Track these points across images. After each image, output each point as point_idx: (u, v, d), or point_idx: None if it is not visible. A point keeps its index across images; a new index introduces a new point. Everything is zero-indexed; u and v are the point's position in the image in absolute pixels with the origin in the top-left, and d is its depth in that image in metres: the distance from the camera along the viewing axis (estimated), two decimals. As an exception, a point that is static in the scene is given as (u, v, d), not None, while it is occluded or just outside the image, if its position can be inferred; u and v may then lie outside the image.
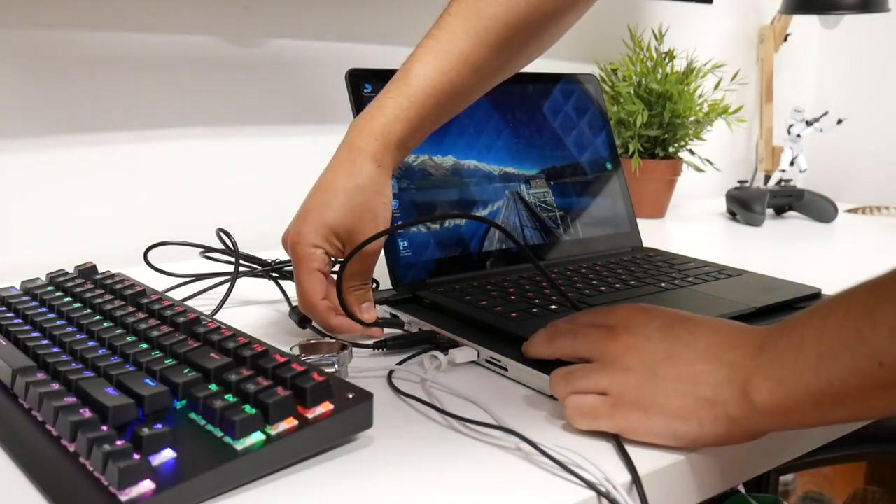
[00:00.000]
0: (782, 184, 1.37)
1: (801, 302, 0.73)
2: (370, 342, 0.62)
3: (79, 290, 0.63)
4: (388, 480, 0.43)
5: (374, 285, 0.80)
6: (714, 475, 0.49)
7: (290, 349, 0.58)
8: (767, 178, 1.57)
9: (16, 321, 0.58)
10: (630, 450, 0.47)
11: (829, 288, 0.76)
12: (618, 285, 0.74)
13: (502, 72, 0.68)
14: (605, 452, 0.46)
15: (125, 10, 0.90)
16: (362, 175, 0.62)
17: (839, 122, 1.42)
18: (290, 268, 0.78)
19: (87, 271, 0.69)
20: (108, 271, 0.69)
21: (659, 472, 0.45)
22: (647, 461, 0.45)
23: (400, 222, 0.73)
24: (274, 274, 0.77)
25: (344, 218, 0.61)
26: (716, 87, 1.28)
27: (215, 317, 0.66)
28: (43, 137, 0.88)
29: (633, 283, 0.75)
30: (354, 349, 0.60)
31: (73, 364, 0.50)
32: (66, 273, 0.69)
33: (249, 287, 0.80)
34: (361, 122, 0.63)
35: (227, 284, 0.75)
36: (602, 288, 0.73)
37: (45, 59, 0.86)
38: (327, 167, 0.65)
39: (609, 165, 0.92)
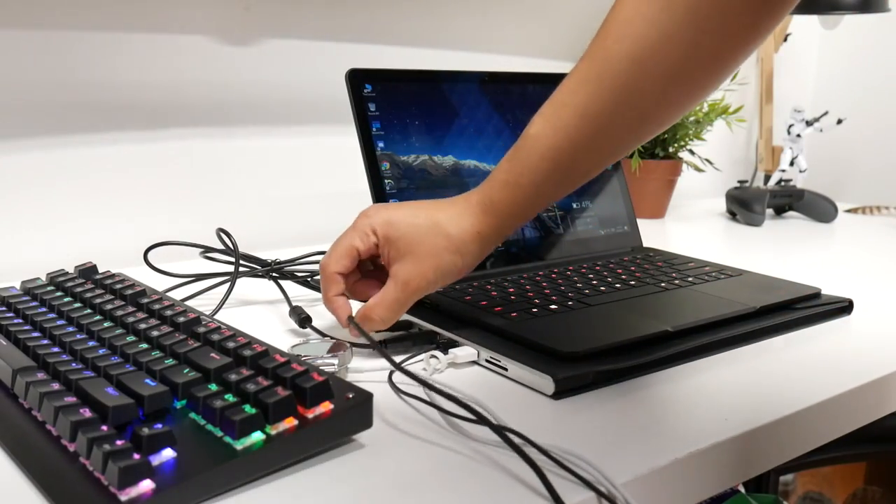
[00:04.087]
0: (782, 184, 1.37)
1: (801, 302, 0.73)
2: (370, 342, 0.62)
3: (79, 290, 0.63)
4: (387, 480, 0.43)
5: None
6: (714, 475, 0.49)
7: (290, 349, 0.58)
8: (767, 178, 1.57)
9: (16, 321, 0.58)
10: (630, 450, 0.47)
11: (829, 288, 0.76)
12: (618, 285, 0.74)
13: (632, 127, 0.56)
14: (605, 452, 0.46)
15: (125, 10, 0.90)
16: (448, 215, 0.58)
17: (839, 122, 1.42)
18: (290, 267, 0.78)
19: (87, 271, 0.69)
20: (108, 271, 0.69)
21: (659, 472, 0.45)
22: (648, 461, 0.45)
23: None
24: (274, 274, 0.77)
25: (409, 235, 0.57)
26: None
27: (215, 317, 0.66)
28: (43, 137, 0.88)
29: (633, 283, 0.75)
30: (354, 349, 0.60)
31: (74, 364, 0.50)
32: (66, 273, 0.69)
33: (249, 287, 0.80)
34: (486, 182, 0.59)
35: (227, 284, 0.75)
36: (602, 288, 0.73)
37: (45, 59, 0.86)
38: (445, 209, 0.59)
39: (609, 165, 0.92)
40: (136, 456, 0.39)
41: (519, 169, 0.57)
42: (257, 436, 0.43)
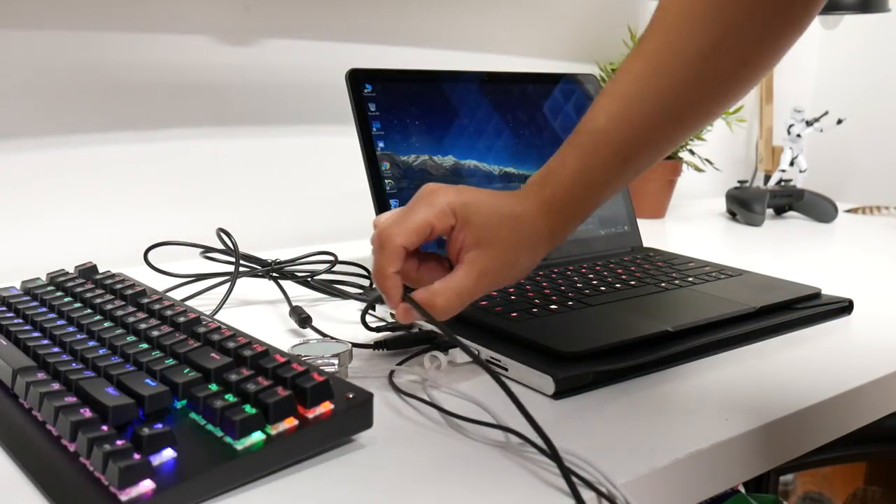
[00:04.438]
0: (782, 184, 1.37)
1: (801, 302, 0.73)
2: (370, 342, 0.62)
3: (79, 290, 0.63)
4: (388, 480, 0.43)
5: (374, 285, 0.80)
6: (714, 475, 0.49)
7: (290, 349, 0.58)
8: (767, 178, 1.57)
9: (16, 321, 0.58)
10: (630, 450, 0.47)
11: (829, 288, 0.76)
12: (618, 285, 0.74)
13: (702, 116, 0.57)
14: (605, 452, 0.46)
15: (125, 11, 0.90)
16: (525, 209, 0.54)
17: (839, 122, 1.42)
18: (290, 267, 0.78)
19: (88, 271, 0.69)
20: (109, 271, 0.69)
21: (659, 472, 0.45)
22: (648, 461, 0.45)
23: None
24: (274, 274, 0.77)
25: (492, 223, 0.53)
26: (716, 87, 1.27)
27: (215, 317, 0.66)
28: (43, 137, 0.88)
29: (633, 283, 0.75)
30: (354, 349, 0.60)
31: (74, 364, 0.50)
32: (67, 273, 0.69)
33: (249, 287, 0.80)
34: (557, 175, 0.56)
35: (227, 284, 0.75)
36: (602, 288, 0.73)
37: (45, 60, 0.86)
38: (517, 201, 0.55)
39: (609, 165, 0.92)
40: (137, 456, 0.39)
41: (590, 166, 0.55)
42: (257, 436, 0.43)
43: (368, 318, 0.71)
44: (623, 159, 0.55)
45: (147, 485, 0.38)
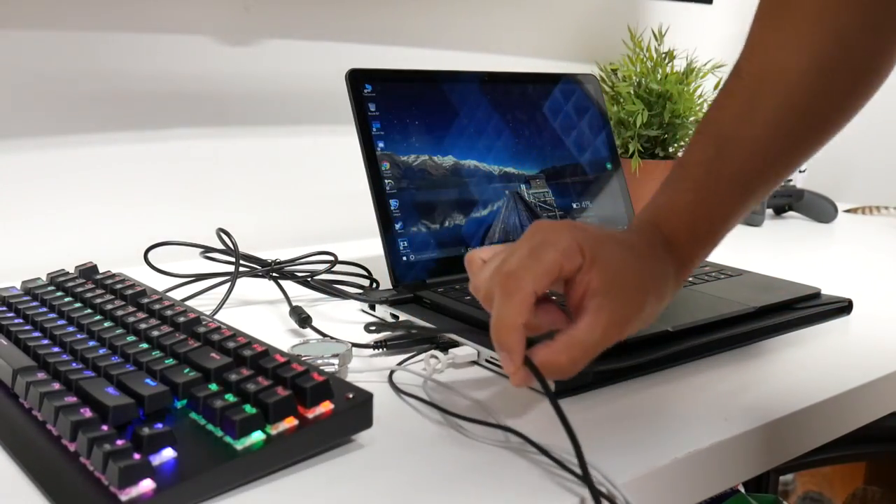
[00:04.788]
0: (782, 184, 1.37)
1: (801, 302, 0.73)
2: (370, 342, 0.62)
3: (79, 290, 0.64)
4: (388, 480, 0.43)
5: (374, 285, 0.80)
6: (714, 475, 0.49)
7: (290, 349, 0.58)
8: (767, 178, 1.57)
9: (16, 321, 0.58)
10: (630, 449, 0.47)
11: (829, 288, 0.76)
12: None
13: (820, 137, 0.54)
14: (605, 452, 0.46)
15: (125, 11, 0.90)
16: (651, 249, 0.50)
17: (839, 122, 1.42)
18: (290, 267, 0.78)
19: (88, 271, 0.69)
20: (109, 271, 0.69)
21: (659, 472, 0.45)
22: (648, 461, 0.45)
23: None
24: (274, 274, 0.77)
25: (621, 264, 0.48)
26: (716, 87, 1.27)
27: (215, 317, 0.66)
28: (43, 137, 0.88)
29: (633, 283, 0.75)
30: (354, 349, 0.60)
31: (74, 364, 0.50)
32: (67, 273, 0.69)
33: (249, 287, 0.80)
34: (675, 212, 0.53)
35: (227, 284, 0.75)
36: (602, 288, 0.73)
37: (44, 60, 0.86)
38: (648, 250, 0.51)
39: (609, 165, 0.92)
40: (137, 456, 0.39)
41: (708, 198, 0.52)
42: (257, 436, 0.43)
43: (368, 319, 0.72)
44: (742, 188, 0.52)
45: (147, 485, 0.38)
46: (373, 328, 0.61)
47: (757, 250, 1.11)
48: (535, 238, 0.47)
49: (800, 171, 1.44)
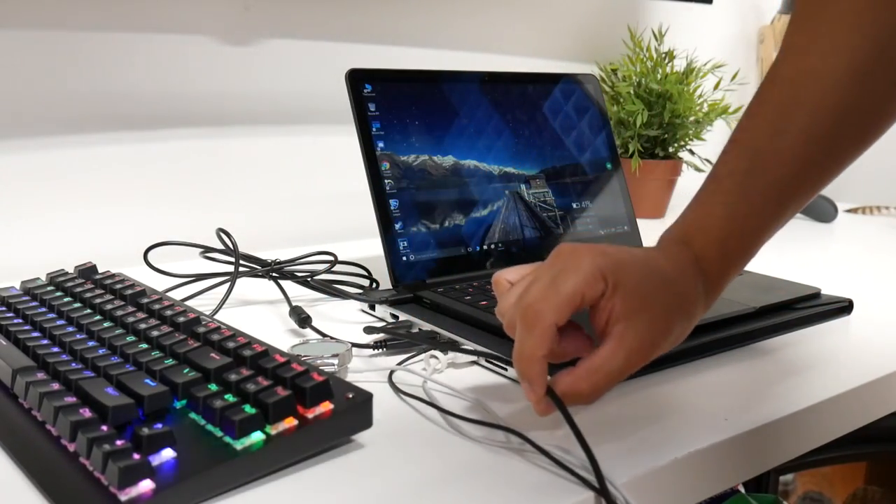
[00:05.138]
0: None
1: (801, 302, 0.73)
2: (370, 342, 0.62)
3: (79, 290, 0.63)
4: (388, 480, 0.43)
5: (374, 285, 0.80)
6: (714, 475, 0.49)
7: (290, 349, 0.58)
8: (767, 178, 1.57)
9: (16, 321, 0.58)
10: (630, 449, 0.47)
11: (829, 288, 0.76)
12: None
13: (857, 144, 0.52)
14: (605, 452, 0.46)
15: (125, 11, 0.90)
16: (677, 270, 0.49)
17: (839, 122, 1.42)
18: (290, 267, 0.78)
19: (87, 271, 0.69)
20: (108, 271, 0.69)
21: (659, 472, 0.45)
22: (648, 461, 0.45)
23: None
24: (274, 274, 0.77)
25: (644, 287, 0.47)
26: (716, 87, 1.28)
27: (215, 317, 0.66)
28: (43, 137, 0.88)
29: (633, 283, 0.75)
30: (354, 349, 0.60)
31: (73, 364, 0.49)
32: (66, 273, 0.69)
33: (249, 287, 0.80)
34: (707, 227, 0.51)
35: (227, 284, 0.75)
36: (602, 288, 0.73)
37: (44, 60, 0.86)
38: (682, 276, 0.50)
39: (609, 165, 0.92)
40: (136, 456, 0.39)
41: (741, 213, 0.50)
42: (257, 436, 0.43)
43: (367, 319, 0.72)
44: (777, 201, 0.50)
45: (147, 485, 0.38)
46: (376, 331, 0.61)
47: (757, 250, 1.11)
48: (556, 266, 0.47)
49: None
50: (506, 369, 0.58)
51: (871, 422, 0.61)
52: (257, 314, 0.74)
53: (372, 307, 0.72)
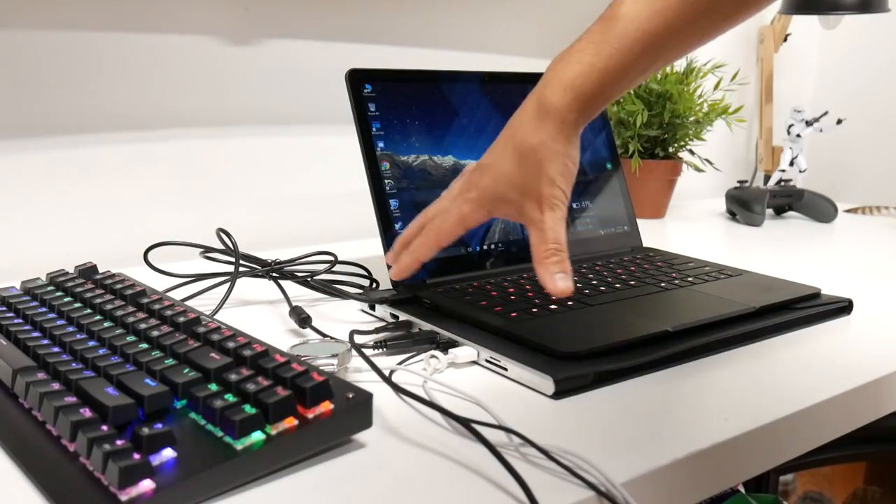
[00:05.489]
0: (782, 184, 1.37)
1: (801, 302, 0.73)
2: (370, 342, 0.62)
3: (79, 290, 0.64)
4: (387, 480, 0.43)
5: (374, 285, 0.80)
6: (714, 475, 0.49)
7: (290, 349, 0.58)
8: (767, 178, 1.57)
9: (16, 321, 0.58)
10: (630, 449, 0.47)
11: (829, 288, 0.76)
12: (618, 285, 0.74)
13: (735, 7, 0.56)
14: (605, 452, 0.46)
15: (125, 11, 0.90)
16: (543, 133, 0.56)
17: (839, 122, 1.42)
18: (290, 267, 0.78)
19: (87, 271, 0.69)
20: (108, 271, 0.69)
21: (658, 472, 0.45)
22: (648, 461, 0.45)
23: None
24: (274, 274, 0.77)
25: (514, 179, 0.58)
26: (716, 87, 1.28)
27: (215, 317, 0.66)
28: (43, 138, 0.88)
29: (632, 282, 0.75)
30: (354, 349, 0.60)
31: (74, 364, 0.50)
32: (67, 273, 0.69)
33: (249, 287, 0.80)
34: (556, 67, 0.56)
35: (227, 284, 0.75)
36: (602, 288, 0.73)
37: (45, 60, 0.86)
38: (517, 112, 0.59)
39: (609, 165, 0.92)
40: (136, 456, 0.39)
41: (608, 51, 0.54)
42: (257, 436, 0.43)
43: (366, 318, 0.72)
44: (647, 49, 0.54)
45: (147, 485, 0.38)
46: (372, 333, 0.61)
47: (757, 250, 1.11)
48: (453, 200, 0.63)
49: (800, 171, 1.44)
50: (506, 369, 0.58)
51: (871, 422, 0.61)
52: (257, 314, 0.74)
53: (372, 307, 0.72)
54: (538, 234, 0.57)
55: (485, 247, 0.79)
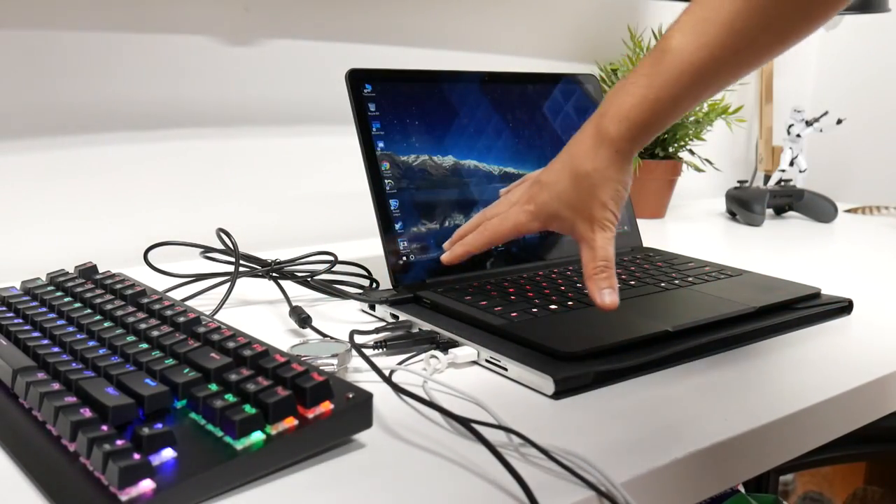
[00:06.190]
0: (782, 184, 1.37)
1: (801, 302, 0.73)
2: (370, 342, 0.62)
3: (79, 290, 0.64)
4: (388, 480, 0.43)
5: (374, 285, 0.80)
6: (714, 475, 0.49)
7: (290, 349, 0.58)
8: (767, 178, 1.57)
9: (16, 321, 0.58)
10: (630, 449, 0.47)
11: (829, 288, 0.76)
12: (618, 285, 0.74)
13: (777, 39, 0.58)
14: (605, 452, 0.46)
15: (125, 11, 0.90)
16: (598, 161, 0.60)
17: (839, 122, 1.42)
18: (290, 267, 0.78)
19: (87, 271, 0.69)
20: (108, 271, 0.69)
21: (659, 472, 0.45)
22: (648, 461, 0.45)
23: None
24: (274, 274, 0.77)
25: (569, 199, 0.62)
26: (716, 87, 1.27)
27: (215, 317, 0.66)
28: (43, 137, 0.88)
29: (632, 282, 0.75)
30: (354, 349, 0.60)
31: (74, 364, 0.50)
32: (67, 273, 0.69)
33: (249, 287, 0.80)
34: (612, 98, 0.60)
35: (227, 284, 0.75)
36: (602, 288, 0.73)
37: (44, 60, 0.86)
38: (575, 136, 0.63)
39: (609, 165, 0.92)
40: (137, 456, 0.39)
41: (659, 83, 0.57)
42: (257, 436, 0.43)
43: (366, 318, 0.72)
44: (696, 80, 0.57)
45: (147, 485, 0.38)
46: (372, 333, 0.61)
47: (757, 250, 1.11)
48: (512, 204, 0.68)
49: (800, 171, 1.44)
50: (506, 369, 0.58)
51: (871, 422, 0.61)
52: (257, 314, 0.74)
53: (372, 307, 0.72)
54: (589, 251, 0.62)
55: (485, 247, 0.79)
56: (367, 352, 0.61)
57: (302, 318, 0.67)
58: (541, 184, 0.65)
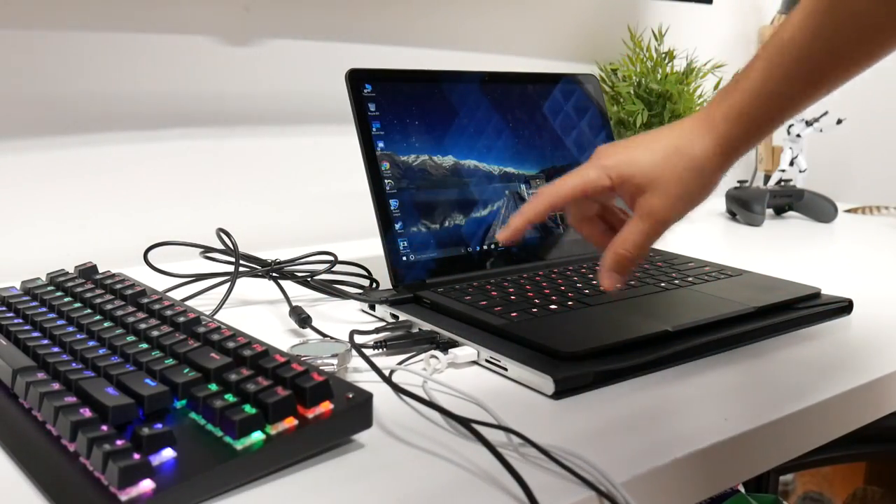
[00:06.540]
0: (782, 184, 1.37)
1: (801, 302, 0.73)
2: (370, 342, 0.62)
3: (79, 290, 0.64)
4: (387, 480, 0.43)
5: (374, 285, 0.80)
6: (713, 475, 0.49)
7: (290, 349, 0.58)
8: (767, 178, 1.57)
9: (16, 321, 0.58)
10: (630, 450, 0.47)
11: (829, 288, 0.76)
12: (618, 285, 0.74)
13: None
14: (605, 452, 0.46)
15: (125, 11, 0.90)
16: (698, 147, 0.57)
17: (839, 122, 1.42)
18: (290, 267, 0.78)
19: (87, 271, 0.69)
20: (108, 271, 0.69)
21: (659, 472, 0.45)
22: (648, 461, 0.45)
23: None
24: (274, 274, 0.77)
25: (651, 171, 0.57)
26: (716, 87, 1.27)
27: (215, 317, 0.66)
28: (43, 137, 0.88)
29: (632, 282, 0.75)
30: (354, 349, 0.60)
31: (74, 364, 0.50)
32: (66, 273, 0.69)
33: (249, 287, 0.80)
34: (723, 93, 0.59)
35: (227, 284, 0.75)
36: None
37: (44, 60, 0.86)
38: (684, 119, 0.60)
39: (609, 165, 0.92)
40: (136, 456, 0.39)
41: (777, 76, 0.55)
42: (257, 436, 0.43)
43: (366, 318, 0.72)
44: (810, 74, 0.55)
45: (147, 485, 0.38)
46: (372, 333, 0.61)
47: (757, 250, 1.11)
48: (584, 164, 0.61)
49: (800, 171, 1.44)
50: (506, 369, 0.58)
51: (871, 422, 0.61)
52: (257, 314, 0.74)
53: (372, 307, 0.72)
54: (637, 226, 0.58)
55: (485, 247, 0.79)
56: (367, 352, 0.61)
57: (302, 318, 0.67)
58: (623, 145, 0.60)
